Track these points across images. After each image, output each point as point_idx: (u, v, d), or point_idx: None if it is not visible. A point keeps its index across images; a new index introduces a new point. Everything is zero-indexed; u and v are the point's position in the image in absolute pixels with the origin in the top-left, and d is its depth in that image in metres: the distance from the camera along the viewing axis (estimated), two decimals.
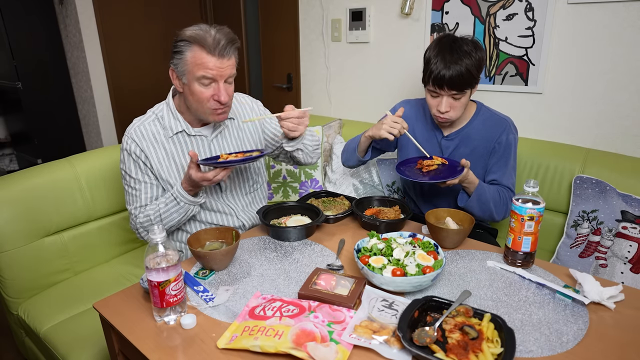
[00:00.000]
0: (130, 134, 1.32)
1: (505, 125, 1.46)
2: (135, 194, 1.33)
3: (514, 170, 1.49)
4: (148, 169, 1.32)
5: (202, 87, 1.22)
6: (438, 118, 1.44)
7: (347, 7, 2.35)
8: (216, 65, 1.19)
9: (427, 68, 1.37)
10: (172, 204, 1.28)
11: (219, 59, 1.18)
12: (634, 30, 1.56)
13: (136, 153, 1.30)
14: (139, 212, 1.33)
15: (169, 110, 1.35)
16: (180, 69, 1.23)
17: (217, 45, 1.17)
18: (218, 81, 1.21)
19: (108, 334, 1.02)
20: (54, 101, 3.40)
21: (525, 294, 1.01)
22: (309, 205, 1.43)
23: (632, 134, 1.66)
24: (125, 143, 1.32)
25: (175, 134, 1.34)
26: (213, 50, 1.17)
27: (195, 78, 1.20)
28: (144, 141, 1.31)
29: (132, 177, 1.32)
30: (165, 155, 1.33)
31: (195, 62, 1.19)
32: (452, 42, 1.35)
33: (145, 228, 1.33)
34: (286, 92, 2.89)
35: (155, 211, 1.30)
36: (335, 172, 2.13)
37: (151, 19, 3.24)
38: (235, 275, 1.12)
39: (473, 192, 1.40)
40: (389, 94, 2.32)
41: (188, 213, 1.31)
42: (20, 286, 1.56)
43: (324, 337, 0.83)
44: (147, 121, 1.34)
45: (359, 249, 1.10)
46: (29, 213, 1.55)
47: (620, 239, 1.47)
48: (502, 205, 1.43)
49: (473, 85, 1.37)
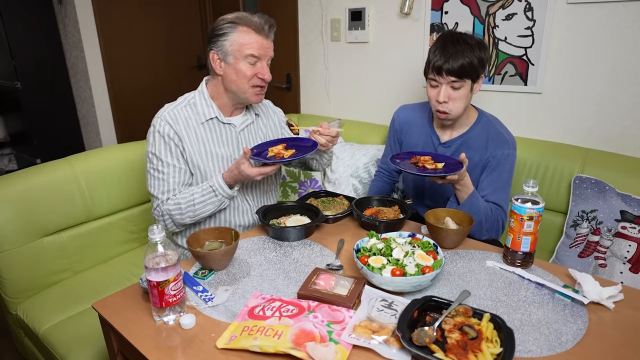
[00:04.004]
0: (163, 116, 1.33)
1: (504, 141, 1.41)
2: (163, 178, 1.33)
3: (506, 188, 1.41)
4: (179, 152, 1.33)
5: (248, 65, 1.29)
6: (438, 112, 1.40)
7: (347, 7, 2.35)
8: (263, 45, 1.28)
9: (428, 58, 1.38)
10: (209, 195, 1.29)
11: (265, 38, 1.29)
12: (633, 30, 1.57)
13: (169, 135, 1.31)
14: (165, 197, 1.33)
15: (202, 97, 1.38)
16: (225, 49, 1.29)
17: (264, 26, 1.27)
18: (262, 60, 1.30)
19: (107, 334, 1.01)
20: (53, 101, 3.40)
21: (525, 293, 1.01)
22: (309, 205, 1.43)
23: (632, 134, 1.66)
24: (158, 125, 1.32)
25: (207, 120, 1.37)
26: (261, 30, 1.27)
27: (243, 56, 1.28)
28: (177, 124, 1.33)
29: (160, 160, 1.32)
30: (197, 140, 1.35)
31: (244, 41, 1.27)
32: (456, 35, 1.35)
33: (172, 216, 1.33)
34: (285, 92, 2.89)
35: (189, 200, 1.30)
36: (335, 172, 2.13)
37: (150, 19, 3.24)
38: (234, 275, 1.12)
39: (465, 198, 1.35)
40: (388, 93, 2.33)
41: (222, 205, 1.34)
42: (19, 286, 1.56)
43: (323, 337, 0.83)
44: (179, 106, 1.37)
45: (359, 249, 1.10)
46: (28, 213, 1.54)
47: (620, 238, 1.47)
48: (492, 222, 1.38)
49: (473, 77, 1.35)
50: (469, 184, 1.34)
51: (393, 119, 1.66)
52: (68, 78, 3.37)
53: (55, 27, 3.27)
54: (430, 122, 1.55)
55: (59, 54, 3.31)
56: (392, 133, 1.67)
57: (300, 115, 2.71)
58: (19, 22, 3.24)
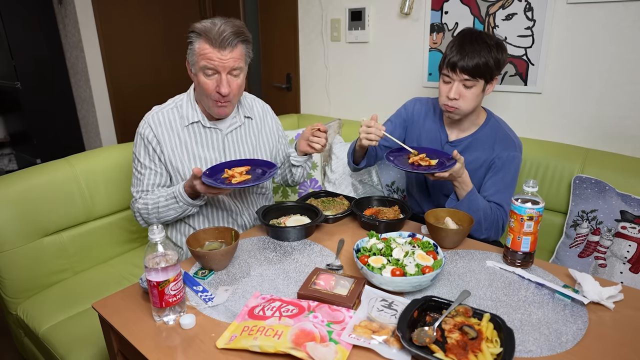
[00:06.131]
0: (147, 119, 1.35)
1: (511, 144, 1.41)
2: (140, 178, 1.37)
3: (509, 189, 1.40)
4: (156, 155, 1.35)
5: (205, 77, 1.26)
6: (446, 107, 1.39)
7: (347, 6, 2.35)
8: (217, 57, 1.22)
9: (444, 53, 1.37)
10: (171, 200, 1.30)
11: (219, 50, 1.22)
12: (633, 30, 1.56)
13: (148, 138, 1.34)
14: (138, 196, 1.37)
15: (188, 100, 1.38)
16: (190, 59, 1.28)
17: (219, 37, 1.20)
18: (221, 73, 1.24)
19: (107, 334, 1.01)
20: (53, 101, 3.40)
21: (525, 293, 1.01)
22: (309, 205, 1.43)
23: (632, 134, 1.66)
24: (141, 127, 1.35)
25: (190, 123, 1.37)
26: (214, 42, 1.21)
27: (200, 68, 1.25)
28: (159, 128, 1.34)
29: (139, 161, 1.36)
30: (179, 143, 1.36)
31: (200, 52, 1.23)
32: (475, 33, 1.34)
33: (141, 215, 1.37)
34: (285, 92, 2.89)
35: (155, 202, 1.32)
36: (335, 172, 2.13)
37: (150, 20, 3.24)
38: (234, 275, 1.12)
39: (464, 196, 1.35)
40: (388, 93, 2.32)
41: (185, 212, 1.34)
42: (19, 286, 1.56)
43: (323, 337, 0.83)
44: (165, 109, 1.37)
45: (359, 249, 1.10)
46: (28, 213, 1.54)
47: (620, 238, 1.47)
48: (492, 221, 1.36)
49: (487, 77, 1.34)
50: (468, 182, 1.34)
51: (406, 105, 1.63)
52: (68, 78, 3.37)
53: (55, 27, 3.27)
54: (440, 119, 1.54)
55: (59, 54, 3.31)
56: (399, 118, 1.63)
57: (300, 115, 2.70)
58: (19, 22, 3.24)
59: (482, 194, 1.41)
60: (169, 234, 1.49)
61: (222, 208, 1.45)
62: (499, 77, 1.54)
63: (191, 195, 1.28)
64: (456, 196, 1.39)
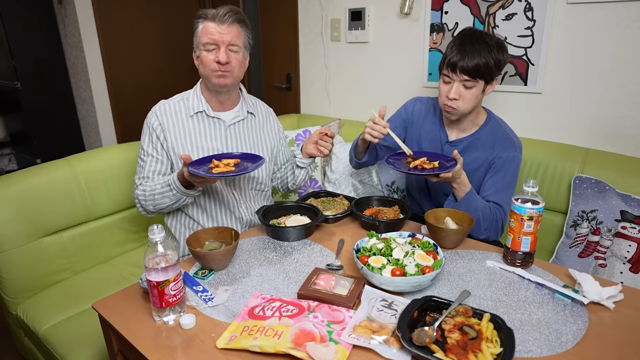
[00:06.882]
0: (154, 109, 1.43)
1: (511, 144, 1.41)
2: (142, 165, 1.42)
3: (508, 189, 1.40)
4: (159, 142, 1.40)
5: (207, 52, 1.35)
6: (445, 107, 1.39)
7: (347, 6, 2.35)
8: (217, 30, 1.32)
9: (445, 53, 1.37)
10: (166, 188, 1.33)
11: (218, 24, 1.32)
12: (633, 30, 1.56)
13: (153, 126, 1.40)
14: (139, 182, 1.41)
15: (194, 93, 1.46)
16: (195, 43, 1.38)
17: (218, 14, 1.33)
18: (220, 46, 1.33)
19: (107, 334, 1.01)
20: (53, 101, 3.40)
21: (525, 293, 1.01)
22: (309, 205, 1.43)
23: (632, 134, 1.66)
24: (148, 117, 1.43)
25: (195, 113, 1.43)
26: (214, 18, 1.33)
27: (202, 45, 1.34)
28: (165, 117, 1.41)
29: (143, 149, 1.43)
30: (183, 132, 1.41)
31: (202, 31, 1.35)
32: (476, 33, 1.34)
33: (140, 201, 1.40)
34: (285, 92, 2.89)
35: (152, 189, 1.36)
36: (335, 172, 2.13)
37: (150, 19, 3.24)
38: (234, 275, 1.12)
39: (462, 196, 1.35)
40: (388, 93, 2.32)
41: (180, 201, 1.37)
42: (19, 286, 1.56)
43: (323, 337, 0.83)
44: (172, 101, 1.45)
45: (359, 249, 1.10)
46: (28, 213, 1.54)
47: (620, 238, 1.47)
48: (491, 221, 1.36)
49: (487, 78, 1.34)
50: (466, 182, 1.34)
51: (406, 105, 1.64)
52: (68, 78, 3.37)
53: (55, 27, 3.27)
54: (440, 119, 1.54)
55: (59, 54, 3.31)
56: (399, 118, 1.63)
57: (300, 115, 2.70)
58: (19, 22, 3.24)
59: (482, 194, 1.41)
60: (168, 223, 1.51)
61: (219, 200, 1.47)
62: (499, 77, 1.54)
63: (184, 184, 1.30)
64: (454, 197, 1.39)
